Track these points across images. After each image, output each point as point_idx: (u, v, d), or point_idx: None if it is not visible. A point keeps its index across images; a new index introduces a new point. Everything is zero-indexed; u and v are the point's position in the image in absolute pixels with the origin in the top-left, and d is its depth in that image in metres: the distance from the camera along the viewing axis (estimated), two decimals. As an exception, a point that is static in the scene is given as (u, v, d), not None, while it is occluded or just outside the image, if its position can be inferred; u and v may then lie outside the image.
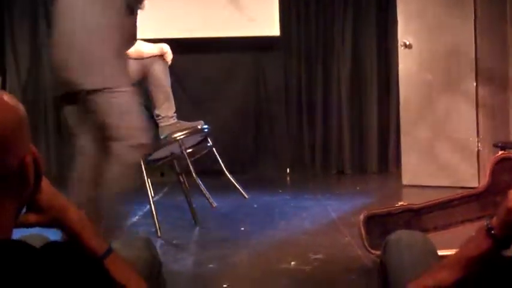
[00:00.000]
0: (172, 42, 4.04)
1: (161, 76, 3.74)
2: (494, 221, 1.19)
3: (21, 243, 1.00)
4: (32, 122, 1.07)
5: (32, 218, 1.12)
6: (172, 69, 3.89)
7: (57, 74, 2.94)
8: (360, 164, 6.56)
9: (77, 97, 2.87)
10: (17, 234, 1.13)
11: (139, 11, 3.74)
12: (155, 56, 3.77)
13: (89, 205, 2.72)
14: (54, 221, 1.15)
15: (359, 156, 6.57)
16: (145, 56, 3.74)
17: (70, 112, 3.03)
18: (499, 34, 5.07)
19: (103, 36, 2.87)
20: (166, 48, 3.84)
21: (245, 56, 6.54)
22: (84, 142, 3.00)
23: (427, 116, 5.38)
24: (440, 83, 5.30)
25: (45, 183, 1.11)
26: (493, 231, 1.19)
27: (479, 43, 5.14)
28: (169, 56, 3.84)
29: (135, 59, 3.71)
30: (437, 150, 5.31)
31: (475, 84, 5.15)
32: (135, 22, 3.20)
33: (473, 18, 5.13)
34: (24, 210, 1.10)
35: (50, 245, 1.07)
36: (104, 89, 2.81)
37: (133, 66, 3.70)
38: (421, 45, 5.38)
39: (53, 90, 3.65)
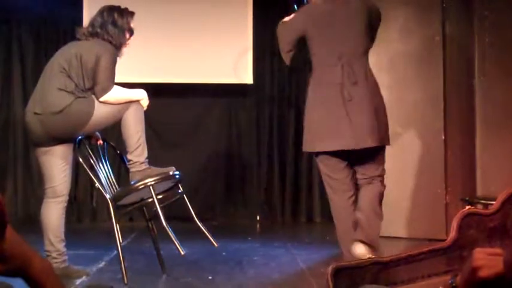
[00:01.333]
0: (146, 87, 4.05)
1: (135, 122, 3.73)
2: (459, 279, 1.21)
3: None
4: (0, 161, 1.06)
5: (-5, 267, 1.10)
6: (146, 113, 3.89)
7: None
8: (329, 212, 6.55)
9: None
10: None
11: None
12: (131, 101, 3.77)
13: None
14: (18, 270, 1.13)
15: (328, 205, 6.56)
16: (121, 101, 3.74)
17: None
18: (468, 87, 5.17)
19: None
20: (143, 93, 3.84)
21: (218, 101, 6.58)
22: None
23: (397, 167, 5.42)
24: (410, 135, 5.37)
25: (9, 231, 1.10)
26: (457, 290, 1.20)
27: (448, 97, 5.24)
28: (145, 102, 3.84)
29: (112, 103, 3.72)
30: (406, 202, 5.35)
31: (443, 137, 5.23)
32: None
33: (442, 72, 5.25)
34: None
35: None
36: None
37: (109, 110, 3.70)
38: (391, 97, 5.45)
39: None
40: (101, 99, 3.70)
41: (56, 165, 3.72)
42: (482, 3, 5.07)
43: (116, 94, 3.73)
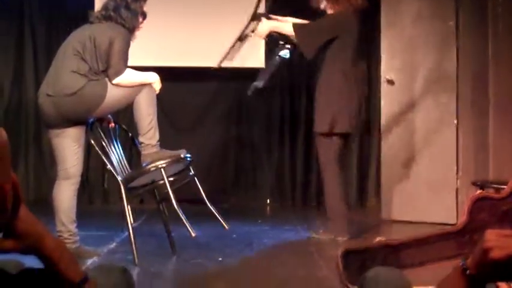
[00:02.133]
0: (158, 70, 4.06)
1: (147, 104, 3.74)
2: (470, 261, 1.20)
3: (-3, 270, 0.99)
4: (12, 145, 1.07)
5: (9, 244, 1.11)
6: (158, 96, 3.89)
7: None
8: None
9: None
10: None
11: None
12: (144, 84, 3.78)
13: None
14: (31, 248, 1.14)
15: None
16: (134, 83, 3.75)
17: None
18: (480, 73, 5.14)
19: None
20: (155, 77, 3.85)
21: (229, 85, 6.57)
22: None
23: (408, 152, 5.42)
24: (422, 119, 5.35)
25: (23, 209, 1.11)
26: (468, 272, 1.20)
27: (461, 81, 5.21)
28: (158, 85, 3.85)
29: (124, 86, 3.72)
30: (417, 185, 5.34)
31: (455, 121, 5.21)
32: None
33: (455, 57, 5.22)
34: (1, 236, 1.10)
35: (26, 272, 1.07)
36: None
37: (121, 93, 3.71)
38: (403, 81, 5.45)
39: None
40: (114, 81, 3.70)
41: (69, 147, 3.74)
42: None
43: (129, 77, 3.74)
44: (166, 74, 4.55)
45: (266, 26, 4.61)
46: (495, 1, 5.03)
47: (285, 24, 4.64)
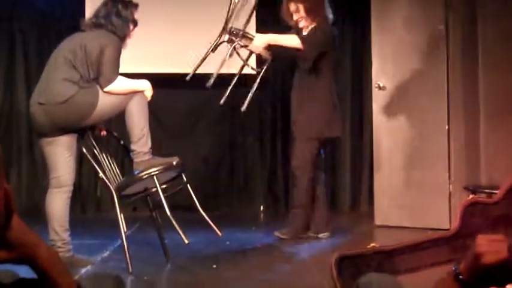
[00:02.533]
0: (150, 77, 4.06)
1: (139, 112, 3.74)
2: (462, 266, 1.21)
3: (-10, 281, 0.99)
4: (4, 154, 1.07)
5: (2, 254, 1.11)
6: (149, 103, 3.89)
7: None
8: (332, 202, 6.58)
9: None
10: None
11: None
12: (135, 91, 3.78)
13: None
14: (24, 257, 1.14)
15: (332, 195, 6.59)
16: (125, 91, 3.75)
17: None
18: (471, 77, 5.16)
19: None
20: (147, 84, 3.85)
21: (220, 92, 6.56)
22: None
23: (399, 157, 5.43)
24: (413, 125, 5.37)
25: (15, 219, 1.11)
26: (461, 276, 1.20)
27: (451, 86, 5.23)
28: (149, 93, 3.85)
29: (116, 93, 3.72)
30: (410, 191, 5.35)
31: (447, 127, 5.22)
32: None
33: (445, 61, 5.24)
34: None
35: (20, 282, 1.06)
36: None
37: (113, 101, 3.71)
38: (394, 87, 5.46)
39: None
40: (105, 89, 3.70)
41: (61, 155, 3.73)
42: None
43: (120, 85, 3.74)
44: (158, 80, 4.55)
45: (262, 39, 4.68)
46: (484, 5, 5.06)
47: (285, 37, 4.75)
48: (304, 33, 4.82)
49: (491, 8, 5.01)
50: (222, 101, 4.78)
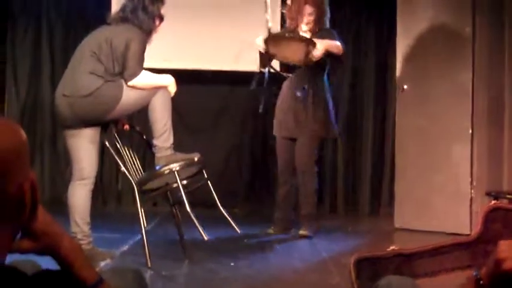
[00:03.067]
0: (173, 73, 4.08)
1: (162, 107, 3.76)
2: (483, 271, 1.20)
3: (14, 270, 1.01)
4: (29, 144, 1.08)
5: (26, 244, 1.13)
6: (172, 99, 3.91)
7: None
8: (353, 204, 6.57)
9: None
10: (10, 259, 1.14)
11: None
12: (159, 86, 3.80)
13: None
14: (48, 248, 1.15)
15: (352, 197, 6.58)
16: (149, 86, 3.77)
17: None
18: (496, 81, 5.12)
19: None
20: (170, 79, 3.87)
21: (243, 89, 6.58)
22: None
23: (422, 161, 5.40)
24: (437, 129, 5.33)
25: (40, 210, 1.12)
26: (481, 282, 1.20)
27: (476, 90, 5.19)
28: (173, 88, 3.87)
29: (140, 88, 3.75)
30: (431, 195, 5.31)
31: (470, 131, 5.18)
32: None
33: (471, 65, 5.19)
34: (18, 236, 1.11)
35: (42, 273, 1.08)
36: None
37: (137, 95, 3.74)
38: (418, 90, 5.43)
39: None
40: (130, 83, 3.73)
41: (84, 147, 3.76)
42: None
43: (144, 79, 3.76)
44: (182, 76, 4.57)
45: (321, 46, 4.74)
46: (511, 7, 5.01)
47: (334, 42, 4.86)
48: (306, 35, 4.91)
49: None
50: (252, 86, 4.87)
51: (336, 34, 4.98)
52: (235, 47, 6.26)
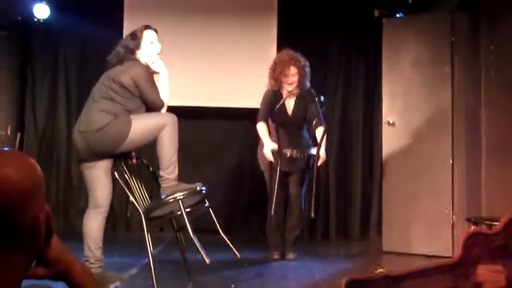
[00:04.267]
0: (177, 109, 4.09)
1: (170, 142, 3.75)
2: (464, 293, 1.20)
3: (29, 295, 1.00)
4: (44, 172, 1.09)
5: (41, 271, 1.13)
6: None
7: None
8: (344, 230, 6.54)
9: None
10: (26, 282, 1.13)
11: None
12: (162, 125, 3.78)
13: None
14: (61, 274, 1.15)
15: (343, 223, 6.56)
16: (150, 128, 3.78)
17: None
18: (474, 116, 5.14)
19: None
20: (169, 118, 3.83)
21: (242, 124, 6.61)
22: None
23: (408, 188, 5.40)
24: (420, 159, 5.34)
25: (54, 239, 1.12)
26: (462, 303, 1.19)
27: (456, 123, 5.22)
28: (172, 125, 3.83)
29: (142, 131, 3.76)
30: (416, 220, 5.31)
31: (451, 162, 5.20)
32: None
33: (450, 100, 5.23)
34: (34, 263, 1.11)
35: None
36: None
37: (144, 130, 3.74)
38: (403, 123, 5.46)
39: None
40: (164, 110, 3.83)
41: (99, 178, 3.76)
42: (487, 38, 5.06)
43: (144, 124, 3.76)
44: (185, 112, 4.59)
45: (322, 153, 4.91)
46: (487, 49, 5.06)
47: (323, 136, 4.93)
48: (292, 97, 5.00)
49: (494, 51, 5.00)
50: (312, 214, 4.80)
51: (316, 97, 4.99)
52: (235, 86, 6.32)
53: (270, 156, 4.83)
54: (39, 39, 6.53)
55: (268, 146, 4.84)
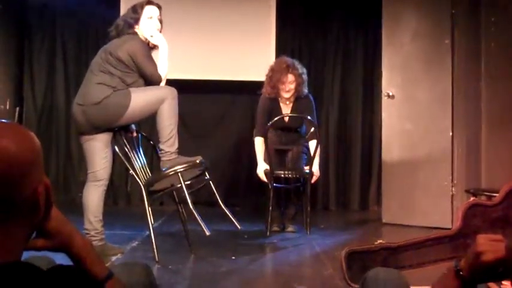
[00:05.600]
0: (178, 83, 4.07)
1: (169, 115, 3.74)
2: (463, 263, 1.20)
3: (30, 266, 1.00)
4: (44, 147, 1.08)
5: (41, 243, 1.13)
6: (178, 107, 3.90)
7: None
8: (343, 201, 6.57)
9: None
10: (27, 255, 1.14)
11: None
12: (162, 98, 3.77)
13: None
14: (61, 246, 1.15)
15: (343, 195, 6.58)
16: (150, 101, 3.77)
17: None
18: (474, 87, 5.12)
19: None
20: (169, 91, 3.81)
21: (242, 97, 6.59)
22: None
23: (407, 161, 5.40)
24: (420, 131, 5.34)
25: (54, 210, 1.12)
26: (461, 273, 1.20)
27: (456, 95, 5.20)
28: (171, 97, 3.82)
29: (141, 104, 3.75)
30: (415, 192, 5.32)
31: (451, 133, 5.19)
32: None
33: (450, 73, 5.21)
34: (34, 235, 1.11)
35: (56, 268, 1.07)
36: None
37: (144, 103, 3.73)
38: (402, 96, 5.44)
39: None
40: (163, 83, 3.82)
41: (98, 151, 3.76)
42: (488, 10, 5.01)
43: (144, 98, 3.74)
44: (185, 86, 4.57)
45: (316, 169, 4.89)
46: (488, 21, 5.02)
47: (316, 150, 4.90)
48: (289, 104, 4.98)
49: (494, 23, 4.97)
50: None
51: (313, 104, 4.99)
52: (234, 59, 6.29)
53: (262, 177, 4.85)
54: (35, 12, 6.48)
55: (261, 167, 4.86)
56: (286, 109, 4.99)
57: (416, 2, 5.41)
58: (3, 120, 1.06)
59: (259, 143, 4.88)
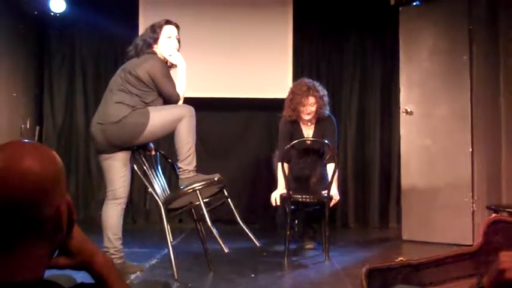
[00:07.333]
0: (194, 101, 4.10)
1: (187, 133, 3.76)
2: (485, 280, 1.19)
3: (52, 284, 1.01)
4: (63, 166, 1.09)
5: (63, 261, 1.13)
6: (196, 125, 3.92)
7: None
8: (363, 218, 6.52)
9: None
10: (48, 273, 1.14)
11: None
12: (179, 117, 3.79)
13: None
14: (83, 264, 1.16)
15: (362, 211, 6.54)
16: (168, 121, 3.80)
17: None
18: (493, 103, 5.09)
19: None
20: (187, 110, 3.84)
21: (260, 114, 6.61)
22: None
23: (426, 177, 5.36)
24: (439, 147, 5.30)
25: (76, 229, 1.13)
26: (484, 290, 1.18)
27: (475, 111, 5.16)
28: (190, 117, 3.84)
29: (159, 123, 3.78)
30: (435, 209, 5.27)
31: (470, 150, 5.15)
32: None
33: (469, 89, 5.18)
34: (56, 253, 1.12)
35: (78, 286, 1.08)
36: None
37: (162, 122, 3.75)
38: (421, 112, 5.41)
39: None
40: (181, 102, 3.86)
41: (117, 170, 3.78)
42: (506, 26, 4.99)
43: (162, 117, 3.77)
44: (203, 104, 4.59)
45: (334, 192, 4.70)
46: (506, 37, 5.00)
47: (334, 173, 4.68)
48: (310, 125, 4.94)
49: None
50: None
51: (335, 125, 4.93)
52: (252, 77, 6.31)
53: (273, 201, 4.76)
54: (55, 33, 6.57)
55: (278, 191, 4.78)
56: (307, 130, 4.96)
57: (434, 18, 5.41)
58: (26, 140, 1.08)
59: (280, 167, 4.83)
